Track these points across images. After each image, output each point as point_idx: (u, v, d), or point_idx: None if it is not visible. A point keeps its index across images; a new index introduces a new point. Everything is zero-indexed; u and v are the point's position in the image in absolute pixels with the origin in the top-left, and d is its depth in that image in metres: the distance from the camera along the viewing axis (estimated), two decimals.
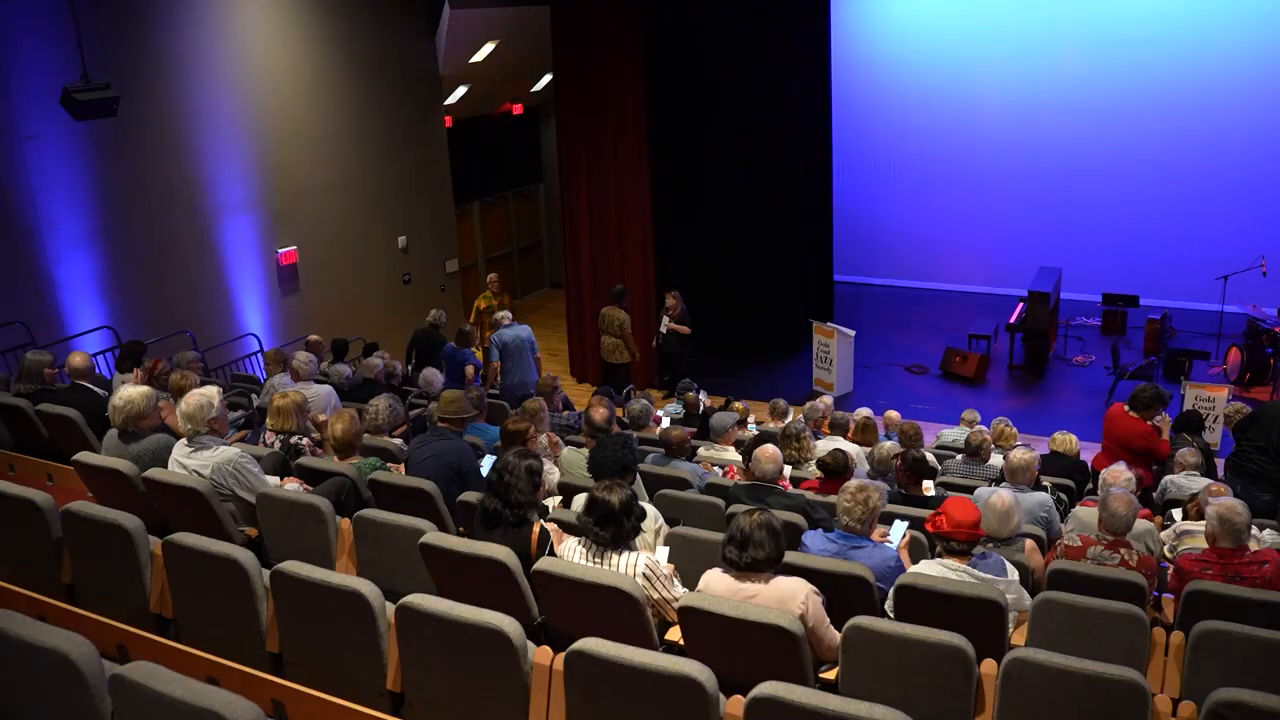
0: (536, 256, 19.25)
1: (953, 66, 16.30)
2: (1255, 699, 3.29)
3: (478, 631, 3.51)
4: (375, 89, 13.27)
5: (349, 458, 5.83)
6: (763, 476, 5.94)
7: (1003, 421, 9.24)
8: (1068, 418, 11.71)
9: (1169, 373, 12.86)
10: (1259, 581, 4.85)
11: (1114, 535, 5.12)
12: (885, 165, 17.18)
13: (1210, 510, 5.10)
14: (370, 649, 3.78)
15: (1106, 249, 15.92)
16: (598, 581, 3.90)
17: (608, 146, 13.28)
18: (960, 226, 16.96)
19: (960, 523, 4.48)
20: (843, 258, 16.42)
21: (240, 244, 11.76)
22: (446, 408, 6.42)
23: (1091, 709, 3.48)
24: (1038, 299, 13.36)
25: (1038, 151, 16.13)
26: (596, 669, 3.35)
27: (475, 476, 5.99)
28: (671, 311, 12.61)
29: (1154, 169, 15.50)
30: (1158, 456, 7.99)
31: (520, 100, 17.34)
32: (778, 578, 4.03)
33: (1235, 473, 7.81)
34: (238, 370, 11.52)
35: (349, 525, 4.84)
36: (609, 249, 13.69)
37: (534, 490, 4.61)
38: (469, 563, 4.16)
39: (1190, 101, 15.00)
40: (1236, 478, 7.65)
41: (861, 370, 13.64)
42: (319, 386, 8.37)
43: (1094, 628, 4.28)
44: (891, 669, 3.74)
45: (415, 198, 14.31)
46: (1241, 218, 15.04)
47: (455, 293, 15.57)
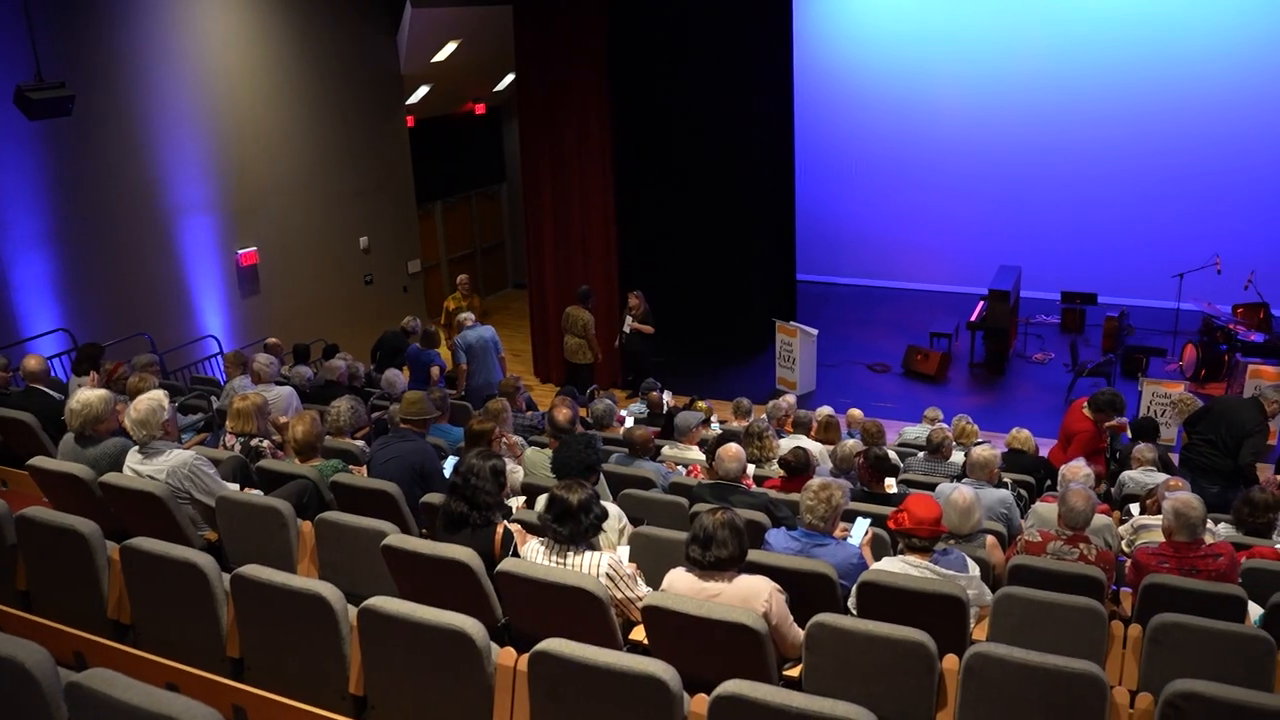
0: (499, 257, 19.19)
1: (914, 69, 16.44)
2: (1210, 689, 3.34)
3: (441, 633, 3.50)
4: (336, 88, 13.17)
5: (310, 460, 5.78)
6: (726, 475, 5.96)
7: (964, 419, 9.33)
8: (1028, 415, 11.83)
9: (1127, 370, 13.03)
10: (1214, 574, 4.93)
11: (1073, 530, 5.18)
12: (848, 166, 17.30)
13: (1166, 505, 5.17)
14: (332, 652, 3.75)
15: (1065, 248, 16.11)
16: (561, 582, 3.90)
17: (571, 146, 13.26)
18: (921, 226, 17.11)
19: (922, 520, 4.52)
20: (805, 257, 16.50)
21: (199, 245, 11.63)
22: (409, 409, 6.38)
23: (1052, 702, 3.52)
24: (998, 297, 13.49)
25: (997, 152, 16.30)
26: (560, 669, 3.34)
27: (438, 478, 5.96)
28: (635, 311, 12.62)
29: (1112, 169, 15.71)
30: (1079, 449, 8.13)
31: (483, 100, 17.29)
32: (741, 576, 4.04)
33: (1186, 466, 7.95)
34: (197, 373, 11.40)
35: (310, 528, 4.81)
36: (572, 249, 13.67)
37: (499, 490, 4.61)
38: (432, 564, 4.13)
39: (1146, 104, 15.22)
40: (1187, 471, 7.78)
41: (824, 369, 13.71)
42: (280, 388, 8.30)
43: (1054, 622, 4.33)
44: (855, 666, 3.76)
45: (377, 198, 14.22)
46: (1197, 217, 15.29)
47: (418, 293, 15.49)
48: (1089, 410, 8.25)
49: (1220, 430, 7.84)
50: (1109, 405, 8.20)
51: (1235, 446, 7.80)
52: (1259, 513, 6.04)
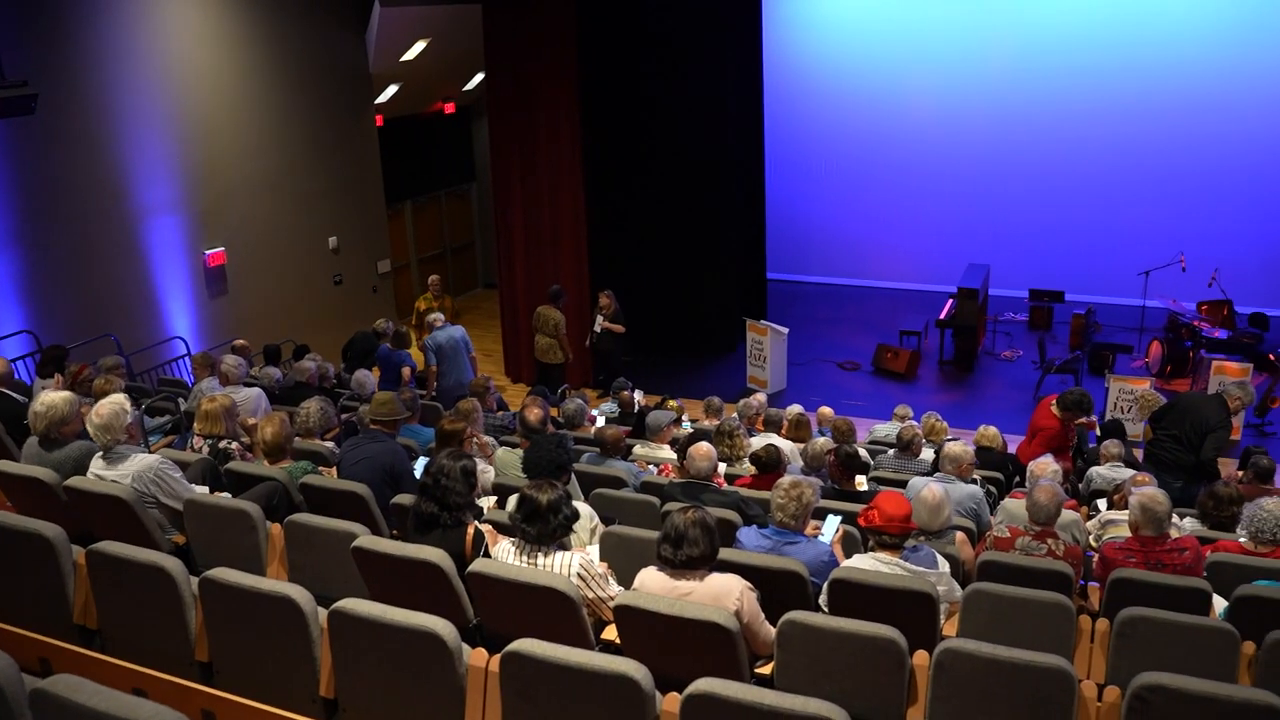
0: (470, 256, 19.13)
1: (883, 69, 16.53)
2: (1176, 681, 3.38)
3: (411, 635, 3.48)
4: (304, 87, 13.08)
5: (280, 462, 5.75)
6: (697, 474, 5.97)
7: (933, 416, 9.39)
8: (997, 412, 11.92)
9: (1093, 366, 13.16)
10: (1179, 568, 4.99)
11: (1041, 526, 5.23)
12: (818, 165, 17.37)
13: (1133, 500, 5.23)
14: (302, 655, 3.73)
15: (1033, 246, 16.25)
16: (532, 582, 3.89)
17: (541, 146, 13.23)
18: (891, 225, 17.21)
19: (892, 517, 4.54)
20: (776, 256, 16.55)
21: (166, 245, 11.52)
22: (378, 410, 6.35)
23: (1021, 696, 3.55)
24: (967, 295, 13.59)
25: (966, 152, 16.42)
26: (532, 670, 3.34)
27: (409, 479, 5.94)
28: (605, 311, 12.62)
29: (1079, 169, 15.86)
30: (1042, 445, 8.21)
31: (452, 99, 17.22)
32: (712, 575, 4.05)
33: (1150, 461, 8.04)
34: (164, 374, 11.28)
35: (280, 530, 4.77)
36: (543, 248, 13.64)
37: (470, 491, 4.59)
38: (403, 566, 4.12)
39: (1113, 104, 15.38)
40: (1151, 466, 7.86)
41: (795, 367, 13.75)
42: (248, 390, 8.24)
43: (1023, 617, 4.37)
44: (826, 662, 3.77)
45: (346, 198, 14.14)
46: (1162, 216, 15.47)
47: (387, 293, 15.41)
48: (1057, 408, 8.33)
49: (1184, 426, 7.93)
50: (1077, 405, 8.29)
51: (1199, 442, 7.89)
52: (1223, 506, 6.12)
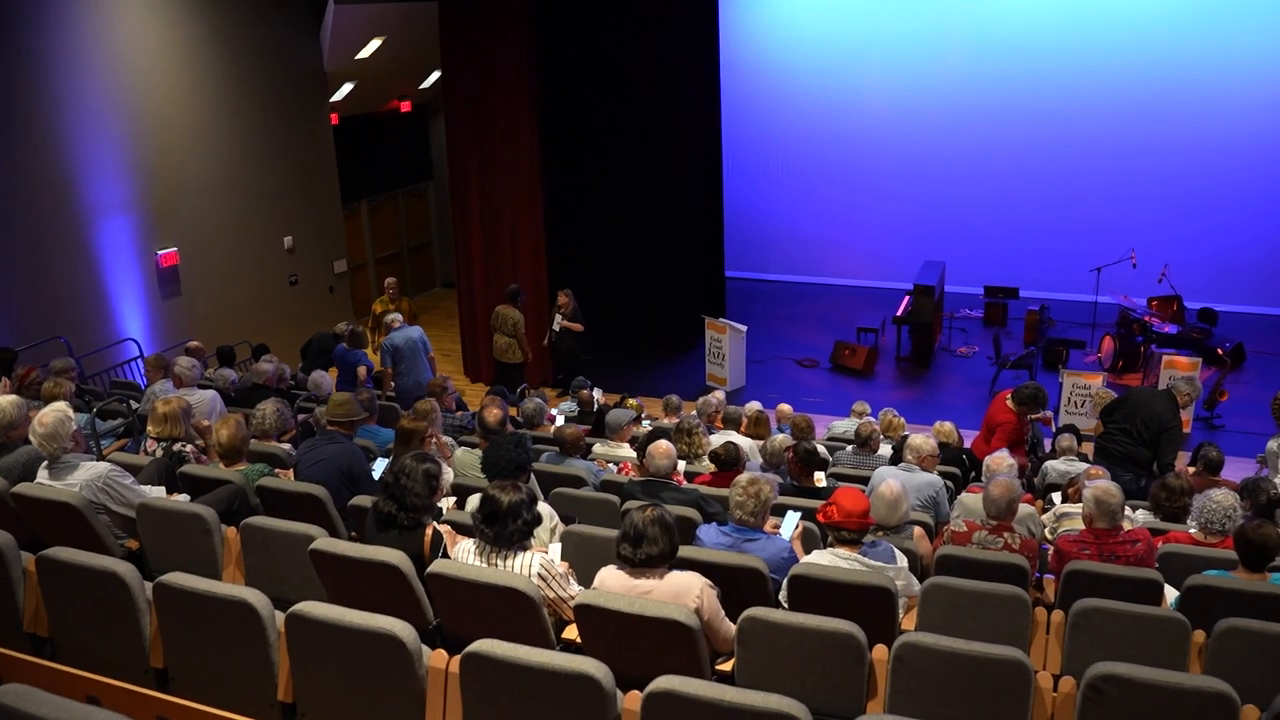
0: (427, 256, 19.01)
1: (840, 69, 16.65)
2: (1129, 671, 3.43)
3: (370, 637, 3.46)
4: (257, 85, 12.93)
5: (236, 464, 5.69)
6: (657, 472, 5.98)
7: (890, 412, 9.48)
8: (953, 407, 12.04)
9: (1048, 362, 13.32)
10: (1132, 559, 5.06)
11: (997, 520, 5.28)
12: (776, 164, 17.45)
13: (1087, 493, 5.30)
14: (260, 660, 3.69)
15: (987, 243, 16.44)
16: (492, 582, 3.88)
17: (498, 144, 13.17)
18: (848, 223, 17.33)
19: (850, 512, 4.57)
20: (734, 254, 16.62)
21: (117, 246, 11.34)
22: (335, 410, 6.30)
23: (979, 688, 3.59)
24: (923, 292, 13.71)
25: (921, 151, 16.58)
26: (493, 670, 3.33)
27: (367, 480, 5.90)
28: (564, 309, 12.60)
29: (1031, 167, 16.08)
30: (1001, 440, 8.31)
31: (408, 97, 17.10)
32: (672, 573, 4.05)
33: (1101, 455, 8.14)
34: (116, 377, 11.11)
35: (236, 534, 4.72)
36: (501, 248, 13.59)
37: (430, 494, 4.55)
38: (361, 568, 4.09)
39: (1065, 104, 15.61)
40: (1102, 460, 7.97)
41: (753, 365, 13.81)
42: (203, 392, 8.15)
43: (980, 610, 4.41)
44: (786, 658, 3.79)
45: (301, 197, 14.00)
46: (1113, 214, 15.72)
47: (344, 293, 15.29)
48: (1012, 403, 8.42)
49: (1136, 420, 8.05)
50: (1032, 399, 8.38)
51: (1152, 436, 8.00)
52: (1175, 497, 6.22)
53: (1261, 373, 13.11)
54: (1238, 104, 14.92)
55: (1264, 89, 14.75)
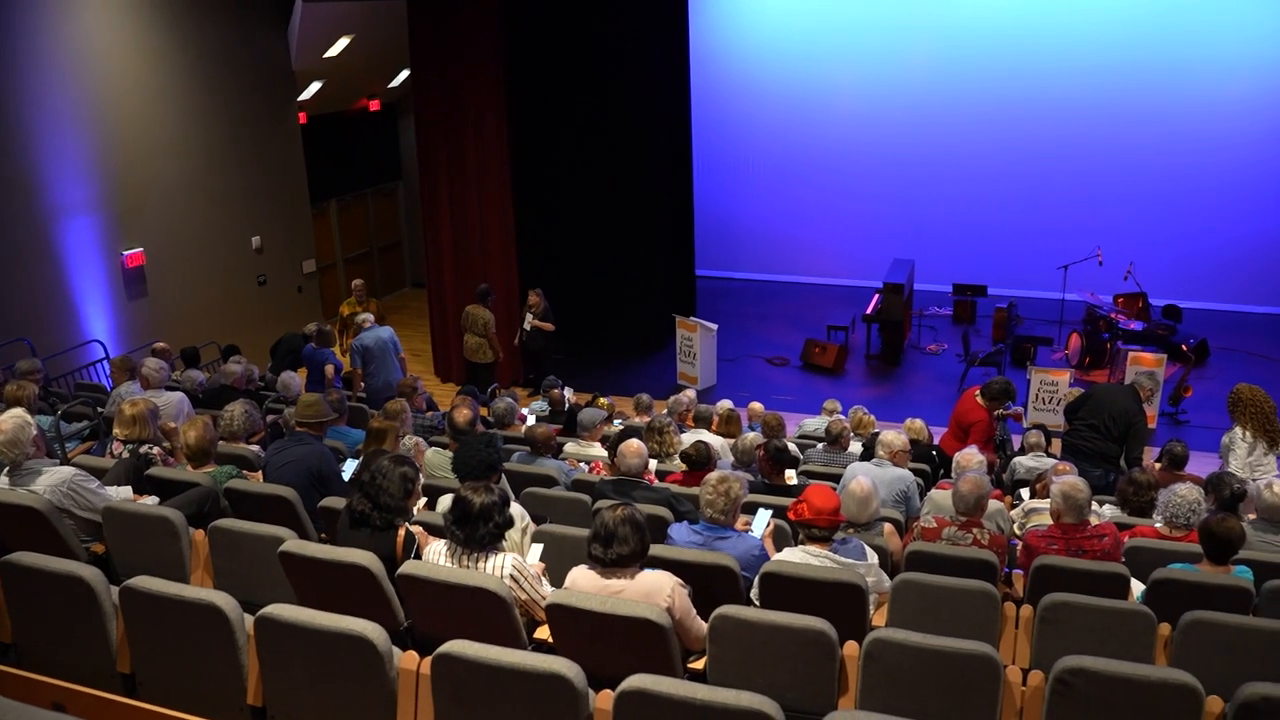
0: (397, 255, 18.92)
1: (808, 67, 16.71)
2: (1096, 664, 3.47)
3: (341, 639, 3.44)
4: (224, 84, 12.82)
5: (204, 466, 5.64)
6: (628, 471, 5.98)
7: (860, 410, 9.52)
8: (922, 404, 12.12)
9: (1016, 359, 13.43)
10: (1099, 553, 5.12)
11: (967, 516, 5.32)
12: (745, 163, 17.50)
13: (1054, 488, 5.35)
14: (229, 663, 3.66)
15: (956, 241, 16.55)
16: (463, 583, 3.86)
17: (468, 143, 13.12)
18: (818, 221, 17.40)
19: (821, 510, 4.59)
20: (704, 253, 16.64)
21: (81, 246, 11.21)
22: (304, 412, 6.26)
23: (949, 683, 3.62)
24: (892, 290, 13.78)
25: (890, 149, 16.67)
26: (465, 671, 3.32)
27: (336, 481, 5.86)
28: (535, 309, 12.58)
29: (1000, 166, 16.22)
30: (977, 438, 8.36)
31: (377, 96, 17.02)
32: (643, 572, 4.06)
33: (1069, 451, 8.21)
34: (82, 379, 10.99)
35: (204, 537, 4.68)
36: (471, 247, 13.54)
37: (405, 497, 4.51)
38: (331, 570, 4.06)
39: (1031, 104, 15.76)
40: (1070, 456, 8.04)
41: (724, 363, 13.84)
42: (170, 394, 8.07)
43: (950, 605, 4.45)
44: (758, 656, 3.81)
45: (269, 196, 13.89)
46: (1080, 212, 15.87)
47: (313, 294, 15.19)
48: (983, 399, 8.47)
49: (1103, 415, 8.12)
50: (1003, 393, 8.44)
51: (1121, 431, 8.09)
52: (1142, 492, 6.29)
53: (1225, 369, 13.28)
54: (1202, 105, 15.12)
55: (1228, 90, 14.97)
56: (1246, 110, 14.98)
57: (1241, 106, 14.98)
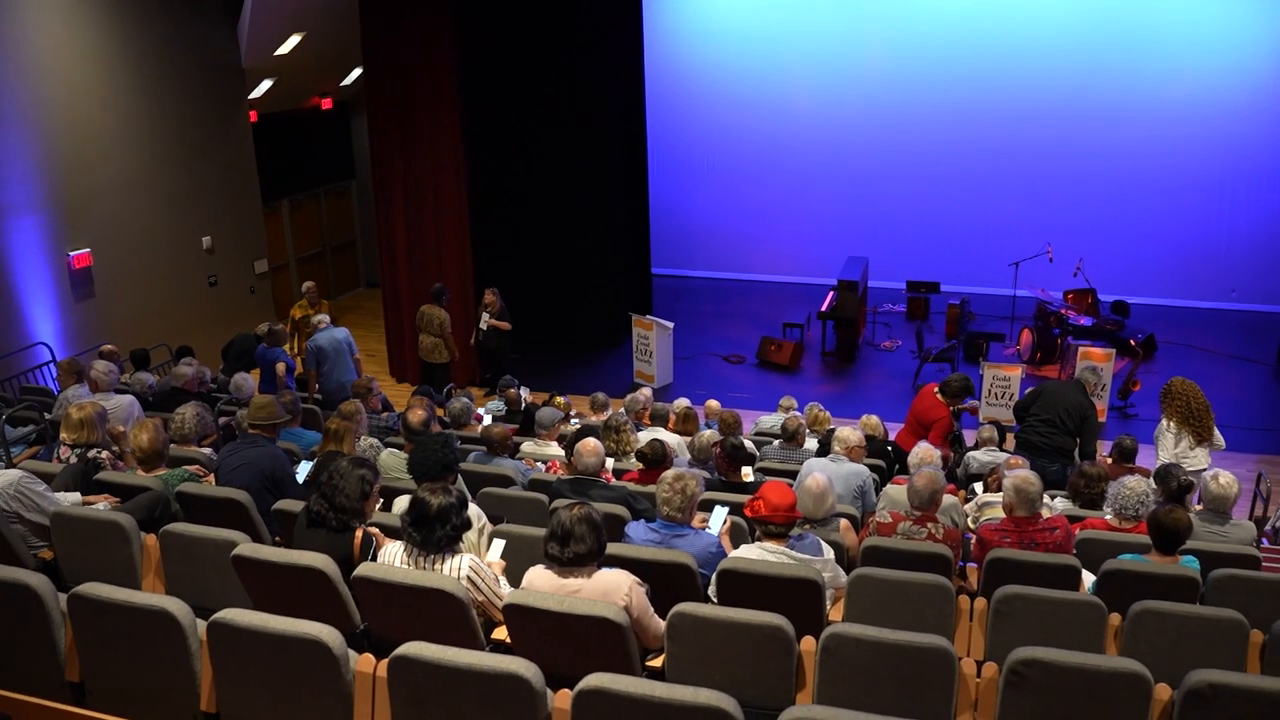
0: (351, 255, 18.75)
1: (763, 67, 16.79)
2: (1049, 655, 3.52)
3: (295, 643, 3.41)
4: (172, 82, 12.62)
5: (155, 470, 5.56)
6: (585, 470, 5.97)
7: (816, 406, 9.58)
8: (877, 400, 12.23)
9: (969, 354, 13.58)
10: (1051, 546, 5.19)
11: (921, 511, 5.37)
12: (701, 162, 17.54)
13: (1007, 482, 5.43)
14: (181, 670, 3.61)
15: (910, 239, 16.70)
16: (420, 585, 3.84)
17: (422, 142, 13.03)
18: (772, 219, 17.48)
19: (777, 506, 4.61)
20: (660, 251, 16.65)
21: (26, 246, 10.99)
22: (257, 414, 6.19)
23: (905, 676, 3.65)
24: (847, 288, 13.88)
25: (845, 149, 16.80)
26: (421, 673, 3.30)
27: (290, 483, 5.81)
28: (491, 308, 12.53)
29: (952, 165, 16.39)
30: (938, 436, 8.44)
31: (330, 95, 16.86)
32: (601, 571, 4.05)
33: (1026, 447, 8.29)
34: (27, 382, 10.78)
35: (155, 541, 4.61)
36: (425, 246, 13.45)
37: (362, 499, 4.46)
38: (286, 573, 4.02)
39: (984, 103, 15.96)
40: (1026, 452, 8.13)
41: (681, 361, 13.87)
42: (120, 397, 7.95)
43: (905, 599, 4.49)
44: (716, 652, 3.82)
45: (219, 196, 13.71)
46: (1030, 210, 16.08)
47: (266, 294, 15.01)
48: (943, 396, 8.53)
49: (1058, 410, 8.23)
50: (964, 390, 8.54)
51: (1076, 425, 8.21)
52: (1093, 484, 6.40)
53: (1172, 363, 13.51)
54: (1150, 108, 15.41)
55: (1174, 93, 15.28)
56: (1192, 113, 15.28)
57: (1187, 110, 15.28)
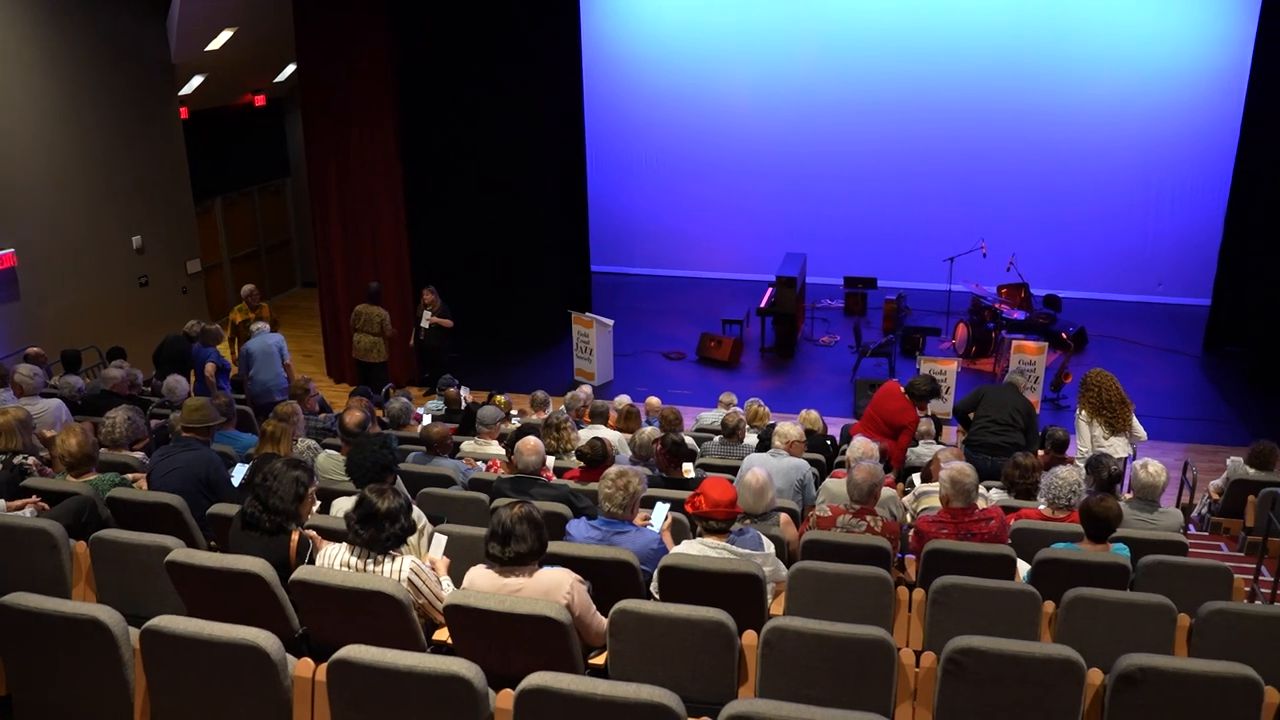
0: (286, 254, 18.48)
1: (699, 64, 16.87)
2: (985, 643, 3.58)
3: (232, 650, 3.36)
4: (100, 77, 12.33)
5: (85, 475, 5.43)
6: (526, 469, 5.95)
7: (756, 402, 9.64)
8: (817, 395, 12.34)
9: (905, 349, 13.76)
10: (986, 536, 5.28)
11: (860, 504, 5.43)
12: (639, 159, 17.58)
13: (943, 474, 5.50)
14: (114, 680, 3.54)
15: (846, 235, 16.88)
16: (359, 587, 3.80)
17: (357, 140, 12.87)
18: (711, 216, 17.57)
19: (718, 502, 4.62)
20: (599, 249, 16.67)
21: None
22: (190, 416, 6.08)
23: (845, 668, 3.69)
24: (785, 284, 13.98)
25: (782, 146, 16.94)
26: (361, 676, 3.27)
27: (226, 487, 5.71)
28: (432, 306, 12.43)
29: (887, 162, 16.60)
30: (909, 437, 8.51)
31: (263, 91, 16.60)
32: (542, 569, 4.04)
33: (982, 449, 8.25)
34: None
35: (85, 548, 4.51)
36: (362, 245, 13.30)
37: (296, 502, 4.40)
38: (222, 578, 3.96)
39: (918, 102, 16.19)
40: (984, 452, 8.16)
41: (621, 359, 13.87)
42: (46, 401, 7.77)
43: (845, 592, 4.53)
44: (658, 649, 3.83)
45: (150, 194, 13.42)
46: (964, 206, 16.35)
47: (199, 294, 14.74)
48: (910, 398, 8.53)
49: (1007, 410, 8.33)
50: (930, 393, 8.61)
51: (1025, 422, 8.35)
52: (1028, 474, 6.51)
53: (1102, 355, 13.81)
54: (1076, 107, 15.77)
55: (1098, 92, 15.66)
56: (1119, 113, 15.68)
57: (1115, 110, 15.68)
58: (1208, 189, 15.41)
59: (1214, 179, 15.10)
